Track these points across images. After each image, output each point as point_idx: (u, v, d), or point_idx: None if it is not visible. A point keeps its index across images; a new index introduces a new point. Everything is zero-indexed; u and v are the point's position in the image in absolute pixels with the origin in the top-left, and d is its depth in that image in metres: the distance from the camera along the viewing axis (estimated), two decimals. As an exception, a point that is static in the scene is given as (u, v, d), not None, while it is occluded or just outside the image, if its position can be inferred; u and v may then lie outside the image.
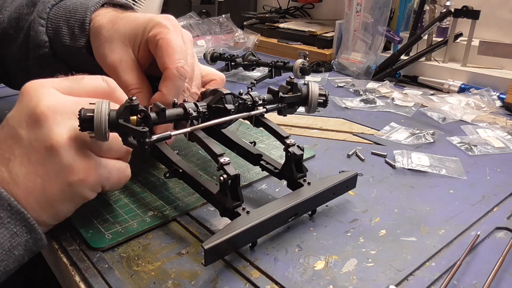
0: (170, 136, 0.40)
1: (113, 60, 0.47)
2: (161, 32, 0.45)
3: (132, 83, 0.47)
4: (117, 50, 0.47)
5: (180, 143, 0.60)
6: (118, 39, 0.47)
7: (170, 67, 0.44)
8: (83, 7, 0.50)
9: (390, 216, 0.45)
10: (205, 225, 0.43)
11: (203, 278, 0.36)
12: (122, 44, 0.47)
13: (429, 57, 1.01)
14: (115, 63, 0.47)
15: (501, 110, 0.81)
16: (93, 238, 0.40)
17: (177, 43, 0.45)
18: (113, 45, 0.47)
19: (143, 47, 0.47)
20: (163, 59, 0.45)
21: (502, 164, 0.58)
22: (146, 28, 0.46)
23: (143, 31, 0.46)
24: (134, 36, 0.47)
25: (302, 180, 0.44)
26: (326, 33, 1.19)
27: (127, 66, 0.47)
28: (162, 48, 0.45)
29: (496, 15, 1.00)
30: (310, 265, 0.37)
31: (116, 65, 0.47)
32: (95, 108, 0.35)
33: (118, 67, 0.47)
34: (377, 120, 0.72)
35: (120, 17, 0.48)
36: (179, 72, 0.44)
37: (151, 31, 0.46)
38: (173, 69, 0.44)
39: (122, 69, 0.47)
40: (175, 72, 0.44)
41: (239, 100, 0.45)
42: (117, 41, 0.47)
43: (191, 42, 0.50)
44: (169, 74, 0.44)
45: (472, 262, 0.38)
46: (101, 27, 0.48)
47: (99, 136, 0.35)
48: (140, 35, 0.47)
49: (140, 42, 0.47)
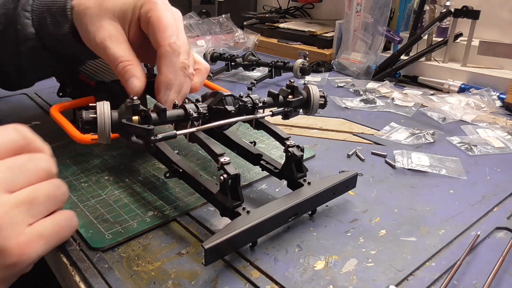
0: (176, 135, 0.40)
1: (102, 36, 0.46)
2: (152, 8, 0.45)
3: (123, 56, 0.45)
4: (106, 27, 0.46)
5: (180, 143, 0.60)
6: (106, 16, 0.46)
7: (162, 43, 0.44)
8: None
9: (390, 216, 0.45)
10: (205, 225, 0.43)
11: (203, 278, 0.36)
12: (111, 21, 0.46)
13: (429, 57, 1.01)
14: (104, 39, 0.45)
15: (501, 110, 0.81)
16: (93, 238, 0.40)
17: (168, 19, 0.45)
18: (102, 22, 0.46)
19: (134, 25, 0.46)
20: (156, 36, 0.44)
21: (502, 164, 0.58)
22: (136, 5, 0.46)
23: (133, 9, 0.46)
24: (124, 13, 0.46)
25: (302, 180, 0.44)
26: (326, 33, 1.19)
27: (117, 40, 0.46)
28: (153, 25, 0.44)
29: (496, 15, 1.00)
30: (310, 265, 0.37)
31: (105, 40, 0.45)
32: (97, 109, 0.35)
33: (108, 41, 0.45)
34: (377, 120, 0.72)
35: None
36: (172, 48, 0.44)
37: (142, 8, 0.45)
38: (166, 46, 0.44)
39: (112, 43, 0.45)
40: (168, 48, 0.44)
41: (240, 102, 0.45)
42: (105, 19, 0.46)
43: (181, 20, 0.49)
44: (163, 52, 0.44)
45: (472, 262, 0.38)
46: (86, 9, 0.47)
47: (102, 137, 0.35)
48: (130, 13, 0.46)
49: (131, 20, 0.46)
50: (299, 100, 0.50)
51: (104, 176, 0.51)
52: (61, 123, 0.48)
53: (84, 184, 0.49)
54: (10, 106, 0.74)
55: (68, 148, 0.57)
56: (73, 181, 0.49)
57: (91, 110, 0.37)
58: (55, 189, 0.33)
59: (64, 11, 0.49)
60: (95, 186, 0.48)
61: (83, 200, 0.46)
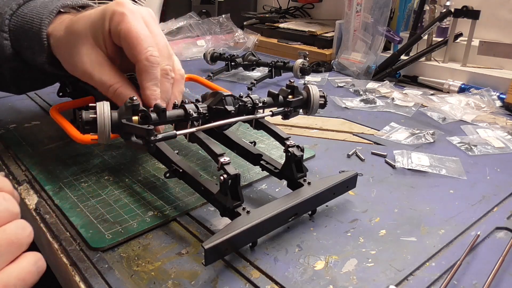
0: (176, 135, 0.40)
1: (83, 65, 0.45)
2: (121, 21, 0.43)
3: (109, 80, 0.45)
4: (84, 53, 0.45)
5: (180, 143, 0.60)
6: (81, 42, 0.45)
7: (140, 58, 0.43)
8: (38, 18, 0.47)
9: (390, 216, 0.45)
10: (205, 225, 0.43)
11: (203, 278, 0.36)
12: (87, 45, 0.45)
13: (429, 57, 1.01)
14: (86, 68, 0.45)
15: (501, 110, 0.81)
16: (93, 238, 0.40)
17: (139, 30, 0.43)
18: (79, 50, 0.45)
19: (109, 42, 0.45)
20: (131, 51, 0.43)
21: (502, 164, 0.58)
22: (104, 21, 0.44)
23: (102, 25, 0.44)
24: (95, 33, 0.45)
25: (302, 180, 0.44)
26: (326, 33, 1.19)
27: (99, 65, 0.45)
28: (126, 39, 0.43)
29: (496, 15, 1.00)
30: (310, 265, 0.37)
31: (87, 68, 0.45)
32: (97, 109, 0.35)
33: (90, 69, 0.45)
34: (377, 120, 0.72)
35: (75, 20, 0.46)
36: (150, 61, 0.43)
37: (111, 22, 0.43)
38: (144, 61, 0.42)
39: (95, 70, 0.45)
40: (146, 63, 0.43)
41: (240, 102, 0.45)
42: (80, 45, 0.45)
43: (154, 19, 0.47)
44: (142, 67, 0.43)
45: (472, 262, 0.38)
46: (60, 39, 0.46)
47: (102, 137, 0.35)
48: (101, 31, 0.44)
49: (104, 38, 0.45)
50: (299, 100, 0.50)
51: (104, 176, 0.51)
52: (61, 123, 0.48)
53: (84, 184, 0.49)
54: (10, 106, 0.74)
55: (68, 148, 0.57)
56: (73, 181, 0.49)
57: (91, 110, 0.37)
58: (20, 232, 0.28)
59: (40, 41, 0.47)
60: (95, 186, 0.48)
61: (83, 200, 0.46)
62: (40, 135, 0.61)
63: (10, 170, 0.53)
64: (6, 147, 0.58)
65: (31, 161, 0.54)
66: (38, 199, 0.47)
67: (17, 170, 0.53)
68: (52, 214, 0.44)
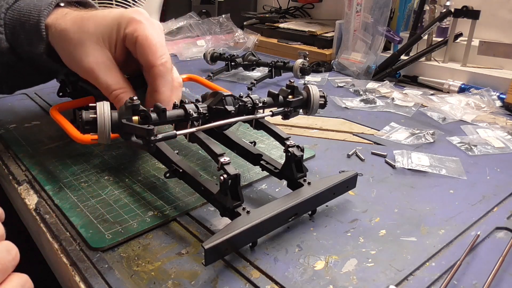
0: (176, 135, 0.41)
1: (89, 63, 0.45)
2: (138, 28, 0.44)
3: (114, 84, 0.45)
4: (92, 52, 0.45)
5: (180, 143, 0.60)
6: (90, 40, 0.45)
7: (156, 64, 0.44)
8: (36, 10, 0.48)
9: (390, 216, 0.45)
10: (205, 225, 0.43)
11: (203, 278, 0.36)
12: (97, 45, 0.45)
13: (429, 57, 1.01)
14: (92, 67, 0.45)
15: (501, 110, 0.81)
16: (93, 238, 0.40)
17: (155, 38, 0.45)
18: (86, 48, 0.45)
19: (120, 46, 0.46)
20: (147, 57, 0.44)
21: (502, 164, 0.58)
22: (120, 25, 0.45)
23: (118, 29, 0.45)
24: (109, 35, 0.45)
25: (302, 180, 0.44)
26: (326, 33, 1.19)
27: (106, 67, 0.45)
28: (143, 46, 0.44)
29: (496, 15, 1.00)
30: (310, 265, 0.37)
31: (93, 68, 0.45)
32: (97, 109, 0.35)
33: (97, 70, 0.45)
34: (377, 120, 0.72)
35: (86, 17, 0.46)
36: (165, 67, 0.45)
37: (127, 28, 0.45)
38: (160, 66, 0.44)
39: (101, 71, 0.45)
40: (162, 68, 0.44)
41: (240, 102, 0.45)
42: (89, 43, 0.45)
43: (163, 33, 0.49)
44: (159, 72, 0.44)
45: (472, 262, 0.38)
46: (66, 31, 0.46)
47: (102, 137, 0.35)
48: (115, 34, 0.45)
49: (116, 41, 0.46)
50: (299, 100, 0.50)
51: (104, 176, 0.51)
52: (61, 123, 0.48)
53: (84, 184, 0.49)
54: (10, 106, 0.74)
55: (68, 148, 0.57)
56: (73, 181, 0.49)
57: (91, 110, 0.37)
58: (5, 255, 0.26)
59: (38, 31, 0.47)
60: (95, 186, 0.48)
61: (83, 200, 0.46)
62: (40, 135, 0.61)
63: (10, 170, 0.53)
64: (6, 147, 0.58)
65: (31, 161, 0.54)
66: (38, 199, 0.47)
67: (17, 170, 0.53)
68: (52, 214, 0.44)
